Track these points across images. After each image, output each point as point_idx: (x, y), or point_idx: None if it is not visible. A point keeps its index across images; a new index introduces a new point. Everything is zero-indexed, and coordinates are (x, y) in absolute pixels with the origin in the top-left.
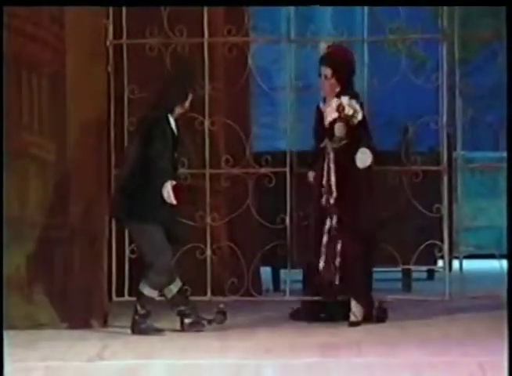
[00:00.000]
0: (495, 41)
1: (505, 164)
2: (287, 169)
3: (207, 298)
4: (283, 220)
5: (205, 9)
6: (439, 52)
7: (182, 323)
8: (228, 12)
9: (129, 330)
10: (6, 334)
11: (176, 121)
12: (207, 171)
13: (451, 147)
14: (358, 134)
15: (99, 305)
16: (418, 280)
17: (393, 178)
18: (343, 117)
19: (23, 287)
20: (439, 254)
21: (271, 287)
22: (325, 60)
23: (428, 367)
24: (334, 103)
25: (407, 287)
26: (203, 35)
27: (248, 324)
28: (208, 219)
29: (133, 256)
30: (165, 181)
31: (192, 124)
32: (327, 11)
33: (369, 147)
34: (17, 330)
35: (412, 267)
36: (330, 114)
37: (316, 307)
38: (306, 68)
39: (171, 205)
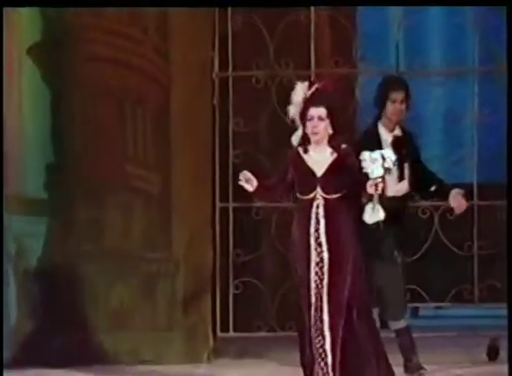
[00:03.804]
0: None
1: None
2: None
3: None
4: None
5: (312, 40)
6: None
7: (405, 365)
8: (335, 44)
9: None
10: (113, 368)
11: None
12: None
13: None
14: (358, 183)
15: (203, 340)
16: None
17: (501, 213)
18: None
19: (127, 323)
20: None
21: None
22: (317, 99)
23: None
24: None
25: None
26: (309, 67)
27: None
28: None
29: (237, 291)
30: None
31: None
32: (435, 41)
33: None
34: (123, 365)
35: None
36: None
37: None
38: (416, 99)
39: None
